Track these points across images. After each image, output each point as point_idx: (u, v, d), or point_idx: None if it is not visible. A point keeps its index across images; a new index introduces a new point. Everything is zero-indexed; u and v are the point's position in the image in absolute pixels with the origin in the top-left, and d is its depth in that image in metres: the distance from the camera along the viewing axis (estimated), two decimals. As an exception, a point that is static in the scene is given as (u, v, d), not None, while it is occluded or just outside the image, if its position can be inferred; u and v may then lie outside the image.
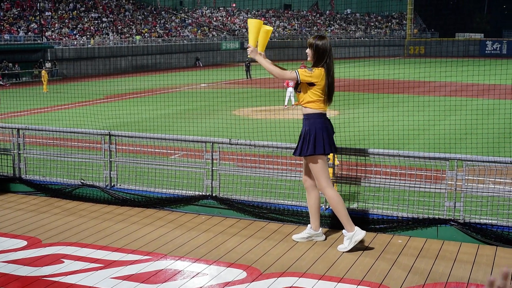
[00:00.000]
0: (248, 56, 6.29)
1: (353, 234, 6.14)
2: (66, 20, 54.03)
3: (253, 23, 6.27)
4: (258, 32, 6.26)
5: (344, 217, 6.18)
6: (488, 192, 6.36)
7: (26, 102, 22.58)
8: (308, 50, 6.22)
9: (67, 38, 50.15)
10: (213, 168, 7.42)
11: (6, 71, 41.14)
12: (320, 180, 6.21)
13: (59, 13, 54.71)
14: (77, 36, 51.74)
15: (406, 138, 12.82)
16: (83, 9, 57.90)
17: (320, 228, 6.48)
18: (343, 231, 6.24)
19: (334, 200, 6.19)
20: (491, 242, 6.22)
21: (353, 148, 6.87)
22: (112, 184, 8.02)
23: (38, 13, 49.90)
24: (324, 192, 6.25)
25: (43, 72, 35.02)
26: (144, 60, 52.05)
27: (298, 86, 6.22)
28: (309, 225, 6.49)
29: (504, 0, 77.43)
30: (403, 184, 6.69)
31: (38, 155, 8.57)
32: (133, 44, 53.47)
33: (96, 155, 8.38)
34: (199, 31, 66.01)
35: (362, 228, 6.63)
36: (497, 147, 10.81)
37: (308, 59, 6.27)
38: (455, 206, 6.43)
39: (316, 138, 6.13)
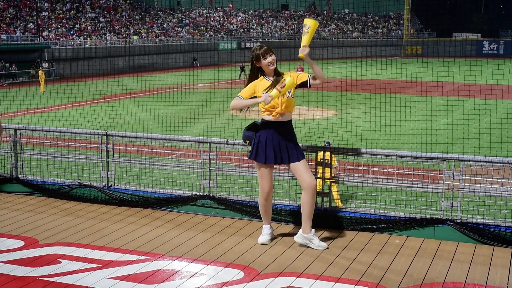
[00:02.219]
0: (302, 55, 5.94)
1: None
2: (63, 20, 53.97)
3: (313, 24, 6.06)
4: (313, 33, 6.09)
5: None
6: (485, 192, 6.37)
7: (23, 102, 22.54)
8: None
9: (64, 38, 50.09)
10: (211, 168, 7.42)
11: (3, 71, 41.08)
12: None
13: (56, 13, 54.64)
14: (74, 36, 51.69)
15: (403, 138, 12.84)
16: (80, 8, 57.84)
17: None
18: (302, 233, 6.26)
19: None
20: (488, 242, 6.23)
21: (351, 148, 6.88)
22: (110, 184, 8.02)
23: (35, 13, 49.82)
24: None
25: (40, 72, 35.01)
26: (142, 60, 52.01)
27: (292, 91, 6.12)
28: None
29: (501, 0, 77.51)
30: (401, 184, 6.69)
31: (35, 155, 8.56)
32: (130, 44, 53.43)
33: (93, 155, 8.37)
34: (196, 31, 65.99)
35: (360, 228, 6.65)
36: (494, 147, 10.82)
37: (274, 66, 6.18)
38: (452, 206, 6.44)
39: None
